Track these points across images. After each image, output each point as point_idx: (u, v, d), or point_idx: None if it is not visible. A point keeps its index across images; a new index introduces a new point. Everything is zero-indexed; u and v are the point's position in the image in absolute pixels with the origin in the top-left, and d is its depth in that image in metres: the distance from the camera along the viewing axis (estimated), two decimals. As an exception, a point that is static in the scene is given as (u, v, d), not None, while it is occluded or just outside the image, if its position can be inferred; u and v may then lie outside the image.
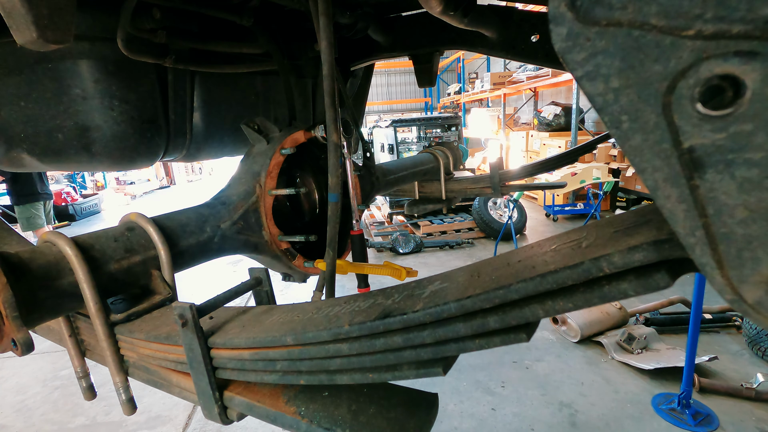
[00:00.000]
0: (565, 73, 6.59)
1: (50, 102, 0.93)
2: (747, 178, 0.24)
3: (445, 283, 0.46)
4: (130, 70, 0.98)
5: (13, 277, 0.57)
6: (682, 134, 0.25)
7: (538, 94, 11.41)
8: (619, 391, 3.17)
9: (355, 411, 0.55)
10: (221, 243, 0.92)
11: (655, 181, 0.27)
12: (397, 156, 8.34)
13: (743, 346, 3.62)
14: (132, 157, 1.04)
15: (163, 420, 3.20)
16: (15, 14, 0.53)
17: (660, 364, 3.28)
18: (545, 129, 9.04)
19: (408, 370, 0.47)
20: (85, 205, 11.91)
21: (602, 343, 3.72)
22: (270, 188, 1.00)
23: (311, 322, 0.53)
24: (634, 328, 3.74)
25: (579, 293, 0.35)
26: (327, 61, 0.70)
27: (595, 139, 1.86)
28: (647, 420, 2.88)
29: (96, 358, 0.78)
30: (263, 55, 1.23)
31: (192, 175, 20.31)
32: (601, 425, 2.85)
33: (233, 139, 1.30)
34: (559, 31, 0.27)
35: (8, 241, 0.93)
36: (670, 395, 3.04)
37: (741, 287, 0.26)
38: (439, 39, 1.55)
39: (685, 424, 2.79)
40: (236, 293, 0.67)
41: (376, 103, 17.82)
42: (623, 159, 7.23)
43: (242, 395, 0.60)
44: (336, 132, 0.72)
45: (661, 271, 0.31)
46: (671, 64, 0.24)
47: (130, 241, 0.76)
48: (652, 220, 0.35)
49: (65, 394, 3.63)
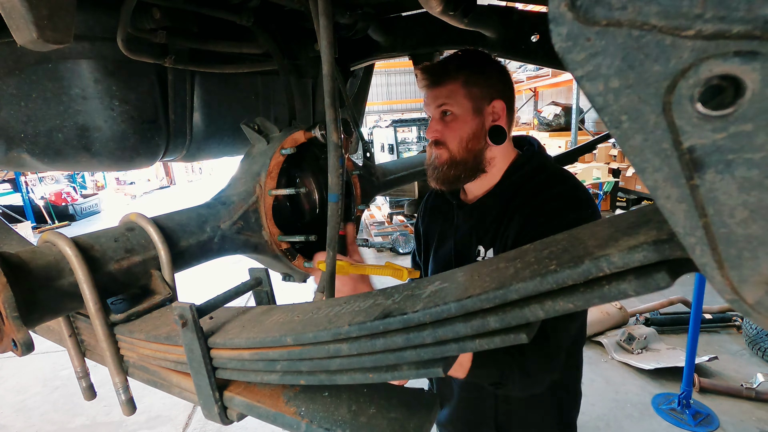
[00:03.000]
0: (565, 73, 6.59)
1: (50, 102, 0.93)
2: (747, 178, 0.24)
3: (445, 283, 0.46)
4: (130, 70, 0.98)
5: (13, 277, 0.57)
6: (682, 134, 0.25)
7: (538, 94, 11.41)
8: (619, 391, 3.17)
9: (355, 411, 0.55)
10: (221, 243, 0.92)
11: (655, 181, 0.27)
12: (397, 156, 8.34)
13: (743, 346, 3.62)
14: (132, 157, 1.04)
15: (163, 420, 3.20)
16: (15, 14, 0.53)
17: (660, 364, 3.28)
18: (545, 129, 9.05)
19: (408, 370, 0.47)
20: (85, 205, 11.91)
21: (602, 343, 3.72)
22: (270, 188, 1.00)
23: (311, 322, 0.53)
24: (634, 328, 3.74)
25: (579, 293, 0.35)
26: (327, 61, 0.70)
27: (595, 139, 1.86)
28: (647, 420, 2.88)
29: (96, 358, 0.78)
30: (263, 55, 1.23)
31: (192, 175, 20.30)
32: (601, 425, 2.85)
33: (233, 139, 1.30)
34: (559, 31, 0.27)
35: (8, 241, 0.93)
36: (670, 395, 3.04)
37: (741, 287, 0.26)
38: (439, 39, 1.55)
39: (685, 424, 2.79)
40: (236, 293, 0.67)
41: (376, 103, 17.81)
42: (623, 159, 7.23)
43: (242, 395, 0.60)
44: (336, 132, 0.72)
45: (661, 271, 0.31)
46: (671, 64, 0.24)
47: (130, 242, 0.76)
48: (652, 220, 0.35)
49: (65, 394, 3.63)
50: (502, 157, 1.12)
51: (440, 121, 1.09)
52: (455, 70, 1.07)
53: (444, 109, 1.08)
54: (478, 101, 1.07)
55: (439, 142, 1.09)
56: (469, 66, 1.07)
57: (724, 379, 3.20)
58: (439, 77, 1.08)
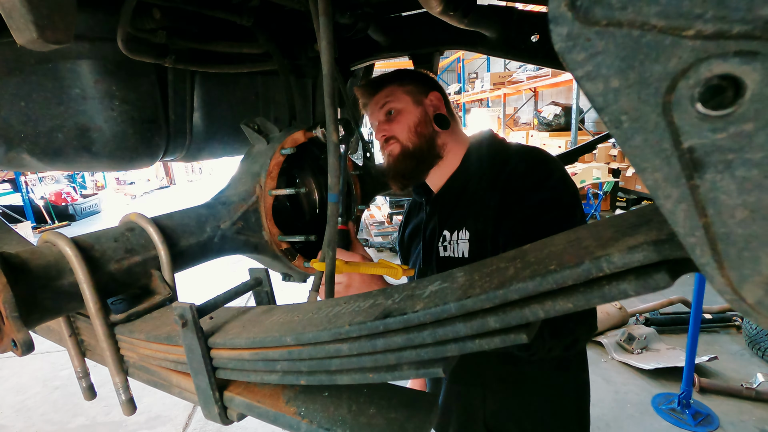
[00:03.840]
0: (565, 73, 6.59)
1: (50, 102, 0.93)
2: (747, 178, 0.24)
3: (445, 283, 0.46)
4: (130, 70, 0.98)
5: (13, 277, 0.57)
6: (682, 134, 0.25)
7: (538, 94, 11.41)
8: (619, 391, 3.17)
9: (355, 411, 0.55)
10: (221, 243, 0.92)
11: (655, 181, 0.27)
12: (397, 156, 8.32)
13: (743, 346, 3.62)
14: (132, 157, 1.04)
15: (163, 420, 3.20)
16: (15, 14, 0.53)
17: (660, 364, 3.28)
18: (545, 129, 9.05)
19: (408, 370, 0.47)
20: (85, 205, 11.90)
21: (602, 343, 3.72)
22: (270, 188, 1.00)
23: (311, 323, 0.53)
24: (634, 328, 3.74)
25: (579, 293, 0.35)
26: (327, 61, 0.70)
27: (595, 139, 1.86)
28: (647, 420, 2.88)
29: (96, 358, 0.78)
30: (263, 55, 1.23)
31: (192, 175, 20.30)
32: (601, 425, 2.85)
33: (233, 139, 1.30)
34: (559, 31, 0.27)
35: (8, 241, 0.93)
36: (670, 395, 3.04)
37: (741, 287, 0.26)
38: (439, 39, 1.55)
39: (685, 424, 2.79)
40: (236, 293, 0.67)
41: (376, 103, 17.75)
42: (623, 159, 7.23)
43: (242, 395, 0.60)
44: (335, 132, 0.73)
45: (661, 271, 0.31)
46: (671, 64, 0.24)
47: (130, 242, 0.76)
48: (652, 220, 0.35)
49: (65, 394, 3.63)
50: (455, 143, 1.16)
51: (386, 121, 1.15)
52: (389, 77, 1.18)
53: (387, 108, 1.15)
54: (416, 95, 1.14)
55: (389, 138, 1.15)
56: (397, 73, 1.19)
57: (724, 379, 3.20)
58: (376, 85, 1.18)
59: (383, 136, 1.14)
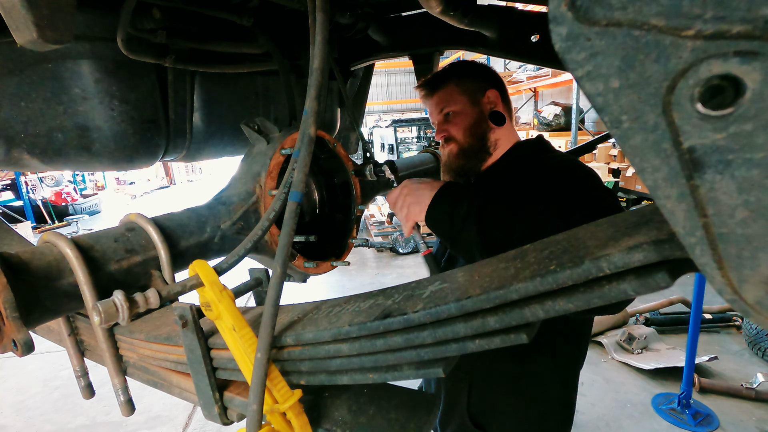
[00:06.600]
0: (565, 73, 6.59)
1: (50, 102, 0.93)
2: (747, 178, 0.24)
3: (445, 283, 0.46)
4: (130, 70, 0.98)
5: (14, 278, 0.57)
6: (682, 134, 0.25)
7: (538, 94, 11.40)
8: (619, 391, 3.17)
9: (355, 411, 0.55)
10: (221, 243, 0.92)
11: (655, 181, 0.27)
12: (397, 156, 8.34)
13: (743, 346, 3.61)
14: (132, 157, 1.03)
15: (163, 420, 3.20)
16: (15, 14, 0.53)
17: (660, 364, 3.28)
18: (545, 129, 9.04)
19: (408, 370, 0.47)
20: (85, 205, 11.91)
21: (602, 343, 3.72)
22: (270, 188, 1.00)
23: (311, 323, 0.53)
24: (634, 328, 3.74)
25: (579, 293, 0.35)
26: (318, 56, 0.70)
27: (595, 139, 1.86)
28: (647, 420, 2.88)
29: (95, 358, 0.78)
30: (263, 55, 1.23)
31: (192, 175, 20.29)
32: (601, 425, 2.85)
33: (233, 139, 1.30)
34: (559, 31, 0.27)
35: (8, 241, 0.92)
36: (670, 395, 3.04)
37: (741, 287, 0.26)
38: (439, 39, 1.55)
39: (685, 424, 2.79)
40: (236, 294, 0.67)
41: (376, 103, 17.80)
42: (623, 159, 7.22)
43: (242, 396, 0.60)
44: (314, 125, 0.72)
45: (662, 271, 0.31)
46: (671, 64, 0.24)
47: (130, 242, 0.76)
48: (652, 220, 0.35)
49: (65, 394, 3.63)
50: (506, 139, 1.19)
51: (444, 122, 1.20)
52: (446, 75, 1.22)
53: (446, 111, 1.20)
54: (473, 94, 1.18)
55: (448, 138, 1.20)
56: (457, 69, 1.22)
57: (724, 379, 3.20)
58: (433, 86, 1.22)
59: (442, 135, 1.21)
